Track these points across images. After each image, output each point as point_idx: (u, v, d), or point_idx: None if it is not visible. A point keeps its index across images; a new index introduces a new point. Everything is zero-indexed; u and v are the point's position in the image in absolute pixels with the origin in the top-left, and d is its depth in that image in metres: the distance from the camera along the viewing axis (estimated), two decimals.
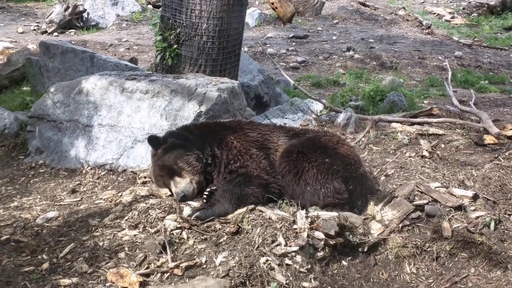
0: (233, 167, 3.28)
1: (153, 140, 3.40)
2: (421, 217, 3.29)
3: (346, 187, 3.23)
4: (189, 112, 4.15)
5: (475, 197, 3.42)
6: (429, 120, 5.14)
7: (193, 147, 3.32)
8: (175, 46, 4.97)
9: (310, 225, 2.96)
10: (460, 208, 3.31)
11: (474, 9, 15.47)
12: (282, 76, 7.68)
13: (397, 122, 5.10)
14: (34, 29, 12.71)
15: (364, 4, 15.11)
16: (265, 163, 3.32)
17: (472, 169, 3.89)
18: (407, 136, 4.67)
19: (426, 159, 4.15)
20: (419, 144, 4.47)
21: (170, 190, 3.34)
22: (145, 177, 3.86)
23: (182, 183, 3.24)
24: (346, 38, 12.19)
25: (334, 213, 3.07)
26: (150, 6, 14.65)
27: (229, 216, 3.09)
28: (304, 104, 5.91)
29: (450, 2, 16.98)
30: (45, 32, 12.34)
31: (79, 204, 3.68)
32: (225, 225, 3.01)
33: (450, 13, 15.54)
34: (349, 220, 3.09)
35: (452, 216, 3.26)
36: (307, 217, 3.02)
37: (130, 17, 13.47)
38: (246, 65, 6.53)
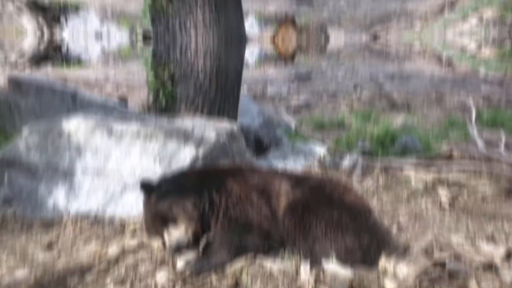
0: (233, 214, 3.40)
1: (145, 185, 3.49)
2: (442, 276, 3.22)
3: (359, 243, 3.30)
4: (185, 156, 4.30)
5: (508, 254, 3.37)
6: (449, 165, 5.18)
7: (189, 193, 3.43)
8: (169, 84, 5.14)
9: (315, 279, 3.02)
10: (489, 266, 3.25)
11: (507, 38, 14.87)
12: (283, 118, 7.89)
13: (410, 167, 5.17)
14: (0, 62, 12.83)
15: (373, 39, 15.63)
16: (266, 211, 3.44)
17: (503, 222, 3.90)
18: (422, 183, 4.76)
19: (445, 209, 4.21)
20: (437, 192, 4.55)
21: (163, 240, 3.43)
22: (134, 226, 3.94)
23: (177, 232, 3.34)
24: (353, 76, 12.54)
25: (349, 272, 3.12)
26: (139, 37, 14.97)
27: (227, 270, 3.16)
28: (307, 147, 6.08)
29: (477, 27, 16.78)
30: (15, 65, 12.44)
31: (56, 261, 3.61)
32: (222, 279, 3.08)
33: (476, 41, 15.20)
34: (365, 279, 3.12)
35: (481, 276, 3.19)
36: (311, 270, 3.10)
37: (117, 51, 13.85)
38: (246, 106, 6.76)
